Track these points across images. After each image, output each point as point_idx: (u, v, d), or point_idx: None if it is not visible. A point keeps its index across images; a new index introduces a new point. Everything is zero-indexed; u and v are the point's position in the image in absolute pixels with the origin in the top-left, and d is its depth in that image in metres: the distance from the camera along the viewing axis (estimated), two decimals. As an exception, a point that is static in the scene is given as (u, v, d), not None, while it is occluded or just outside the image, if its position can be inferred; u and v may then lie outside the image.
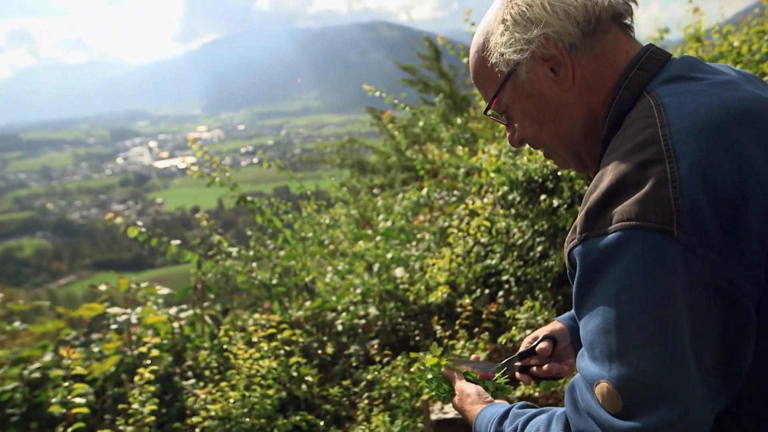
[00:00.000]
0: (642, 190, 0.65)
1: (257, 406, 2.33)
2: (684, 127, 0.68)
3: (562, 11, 0.83)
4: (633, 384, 0.63)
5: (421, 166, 5.26)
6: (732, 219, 0.63)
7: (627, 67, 0.83)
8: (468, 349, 2.62)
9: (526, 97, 0.89)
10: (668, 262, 0.62)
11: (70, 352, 2.00)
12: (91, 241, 74.21)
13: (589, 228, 0.68)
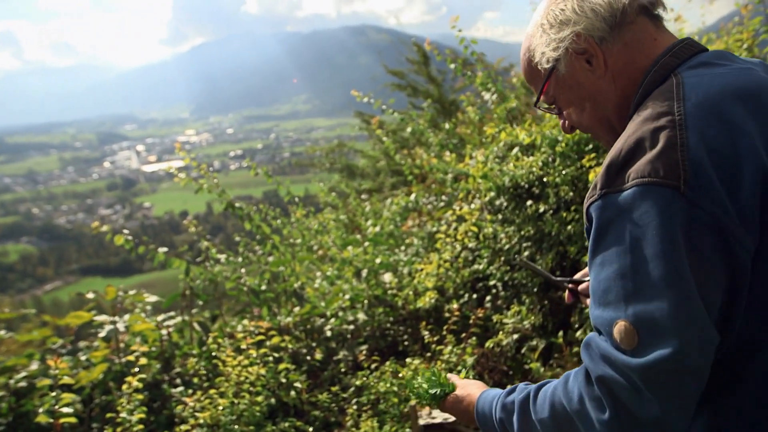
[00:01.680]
0: (656, 151, 0.75)
1: (246, 413, 2.34)
2: (696, 102, 0.78)
3: (590, 10, 0.95)
4: (648, 320, 0.70)
5: (409, 171, 5.30)
6: (730, 179, 0.72)
7: (660, 54, 0.93)
8: (455, 354, 2.64)
9: (568, 87, 1.02)
10: (675, 212, 0.71)
11: (57, 361, 1.99)
12: (78, 246, 73.40)
13: (608, 185, 0.78)
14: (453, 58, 4.82)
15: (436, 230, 3.91)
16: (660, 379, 0.69)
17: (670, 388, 0.70)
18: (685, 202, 0.71)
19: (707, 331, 0.70)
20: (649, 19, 0.98)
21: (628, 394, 0.71)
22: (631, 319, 0.72)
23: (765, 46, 3.26)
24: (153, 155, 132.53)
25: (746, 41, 3.03)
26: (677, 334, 0.69)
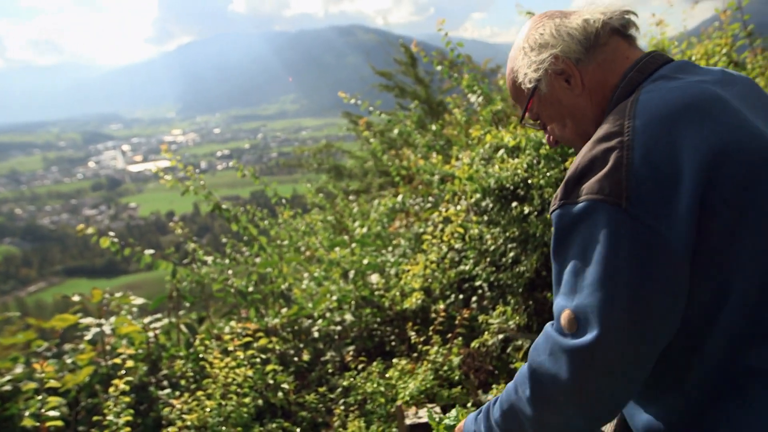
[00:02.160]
0: (603, 171, 0.85)
1: (233, 414, 2.35)
2: (644, 121, 0.87)
3: (567, 33, 1.06)
4: (583, 311, 0.83)
5: (396, 172, 5.33)
6: (669, 194, 0.81)
7: (627, 69, 1.03)
8: (441, 354, 2.67)
9: (549, 105, 1.12)
10: (618, 226, 0.82)
11: (43, 365, 1.99)
12: (62, 247, 72.44)
13: (565, 197, 0.90)
14: (440, 60, 4.85)
15: (423, 231, 3.94)
16: (587, 359, 0.82)
17: (596, 367, 0.82)
18: (627, 216, 0.82)
19: (640, 324, 0.81)
20: (622, 39, 1.08)
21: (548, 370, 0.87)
22: (573, 308, 0.85)
23: (743, 51, 3.34)
24: (139, 155, 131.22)
25: (725, 46, 3.10)
26: (602, 325, 0.81)
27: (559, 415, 0.89)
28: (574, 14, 1.10)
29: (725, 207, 0.82)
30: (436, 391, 2.60)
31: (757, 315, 0.84)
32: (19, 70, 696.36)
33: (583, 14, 1.08)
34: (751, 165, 0.84)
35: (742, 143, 0.85)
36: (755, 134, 0.87)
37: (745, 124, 0.88)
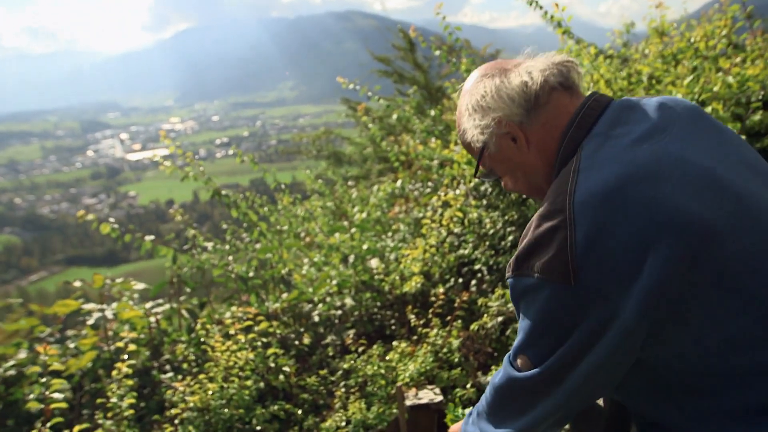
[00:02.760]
0: (550, 252, 0.92)
1: (235, 396, 2.38)
2: (582, 200, 0.92)
3: (507, 96, 1.09)
4: (532, 358, 1.00)
5: (395, 157, 5.32)
6: (612, 270, 0.88)
7: (567, 125, 1.06)
8: (441, 336, 2.69)
9: (500, 161, 1.17)
10: (563, 301, 0.92)
11: (46, 348, 2.01)
12: (63, 236, 72.51)
13: (516, 270, 0.99)
14: (438, 45, 4.83)
15: (422, 216, 3.95)
16: (527, 387, 1.02)
17: (532, 393, 1.02)
18: (571, 292, 0.90)
19: (563, 369, 0.96)
20: (563, 91, 1.11)
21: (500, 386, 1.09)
22: (528, 354, 1.01)
23: (742, 32, 3.32)
24: (137, 143, 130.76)
25: (724, 28, 3.09)
26: (541, 369, 0.98)
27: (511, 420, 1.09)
28: (513, 72, 1.12)
29: (672, 281, 0.87)
30: (435, 373, 2.63)
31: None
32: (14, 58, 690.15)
33: (523, 73, 1.10)
34: (689, 243, 0.87)
35: (675, 220, 0.88)
36: (689, 207, 0.89)
37: (680, 190, 0.91)
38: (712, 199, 0.91)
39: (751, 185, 0.97)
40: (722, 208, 0.91)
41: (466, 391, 2.47)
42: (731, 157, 1.01)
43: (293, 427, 2.49)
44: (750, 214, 0.93)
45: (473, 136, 1.15)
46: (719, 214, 0.90)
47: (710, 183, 0.93)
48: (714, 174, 0.94)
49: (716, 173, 0.94)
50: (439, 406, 2.44)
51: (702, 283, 0.88)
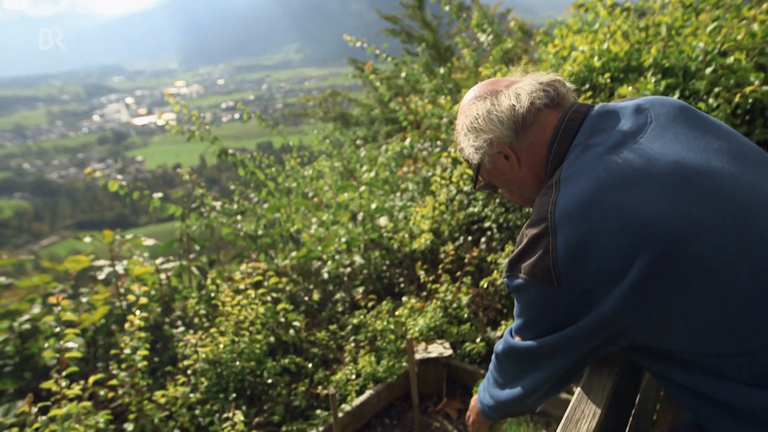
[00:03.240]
0: (535, 256, 1.03)
1: (246, 350, 2.40)
2: (561, 210, 1.00)
3: (497, 119, 1.18)
4: (526, 338, 1.15)
5: (404, 117, 5.24)
6: (594, 273, 0.97)
7: (551, 140, 1.15)
8: (451, 292, 2.69)
9: (495, 176, 1.28)
10: (550, 298, 1.03)
11: (59, 298, 2.02)
12: (72, 201, 73.03)
13: (510, 271, 1.11)
14: (448, 1, 4.67)
15: (432, 174, 3.91)
16: (523, 357, 1.17)
17: (519, 354, 1.18)
18: (553, 290, 1.01)
19: (552, 344, 1.09)
20: (550, 110, 1.19)
21: (503, 354, 1.24)
22: (522, 336, 1.16)
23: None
24: (143, 108, 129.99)
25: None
26: (535, 345, 1.12)
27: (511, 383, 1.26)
28: (504, 93, 1.20)
29: (646, 284, 0.94)
30: (445, 328, 2.64)
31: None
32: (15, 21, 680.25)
33: (512, 96, 1.18)
34: (656, 251, 0.93)
35: (643, 229, 0.94)
36: (655, 213, 0.95)
37: (647, 196, 0.96)
38: (679, 199, 0.96)
39: (733, 170, 1.02)
40: (690, 205, 0.96)
41: (475, 345, 2.48)
42: (711, 146, 1.06)
43: (303, 380, 2.53)
44: (725, 202, 0.97)
45: (470, 154, 1.25)
46: (686, 212, 0.95)
47: (678, 180, 0.98)
48: (686, 168, 0.99)
49: (689, 167, 1.00)
50: (448, 360, 2.46)
51: (675, 282, 0.93)
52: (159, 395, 2.13)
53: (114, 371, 2.12)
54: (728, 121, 2.13)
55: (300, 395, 2.37)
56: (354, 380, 2.42)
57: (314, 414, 2.27)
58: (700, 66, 2.36)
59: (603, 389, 1.11)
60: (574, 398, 1.10)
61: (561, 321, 1.06)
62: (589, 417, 1.04)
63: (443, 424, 2.28)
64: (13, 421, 2.21)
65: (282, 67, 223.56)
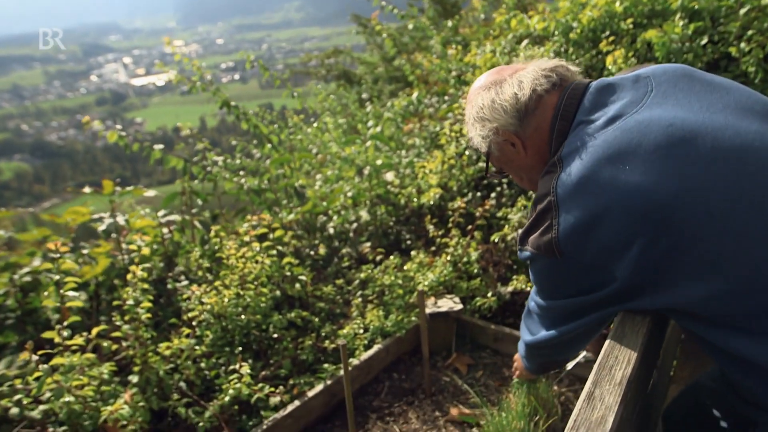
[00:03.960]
0: (540, 230, 1.09)
1: (252, 303, 2.35)
2: (562, 187, 1.04)
3: (501, 108, 1.22)
4: (539, 294, 1.27)
5: (410, 71, 5.07)
6: (598, 246, 1.01)
7: (552, 121, 1.18)
8: (461, 245, 2.62)
9: (504, 163, 1.33)
10: (556, 269, 1.11)
11: (58, 245, 1.95)
12: (72, 163, 72.75)
13: (520, 244, 1.19)
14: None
15: (440, 129, 3.79)
16: (541, 308, 1.27)
17: (545, 312, 1.27)
18: (557, 261, 1.08)
19: (573, 307, 1.17)
20: (552, 92, 1.21)
21: (532, 309, 1.34)
22: (540, 297, 1.26)
23: None
24: (141, 68, 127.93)
25: None
26: (545, 300, 1.24)
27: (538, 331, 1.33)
28: (507, 82, 1.23)
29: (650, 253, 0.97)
30: (454, 283, 2.58)
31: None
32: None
33: (515, 84, 1.21)
34: (652, 220, 0.95)
35: (648, 202, 0.95)
36: (651, 184, 0.95)
37: (643, 166, 0.96)
38: (671, 165, 0.95)
39: (740, 125, 1.00)
40: (684, 170, 0.95)
41: (486, 300, 2.43)
42: (716, 105, 1.04)
43: (310, 334, 2.48)
44: (725, 159, 0.96)
45: (478, 143, 1.29)
46: (680, 179, 0.94)
47: (671, 144, 0.97)
48: (680, 130, 0.98)
49: (684, 128, 0.98)
50: (458, 315, 2.41)
51: (679, 251, 0.95)
52: (164, 347, 2.08)
53: (117, 322, 2.07)
54: (760, 67, 2.01)
55: (307, 349, 2.33)
56: (362, 334, 2.38)
57: (322, 368, 2.23)
58: (734, 6, 2.22)
59: (636, 335, 1.05)
60: (606, 345, 1.03)
61: (573, 290, 1.12)
62: (624, 363, 0.97)
63: (453, 378, 2.24)
64: (17, 373, 2.17)
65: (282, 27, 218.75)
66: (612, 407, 0.87)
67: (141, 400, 1.92)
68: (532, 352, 1.42)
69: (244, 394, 1.95)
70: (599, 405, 0.88)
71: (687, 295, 0.99)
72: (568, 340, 1.26)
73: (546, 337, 1.29)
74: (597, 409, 0.87)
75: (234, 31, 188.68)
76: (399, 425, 2.00)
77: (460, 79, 4.34)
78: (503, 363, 2.32)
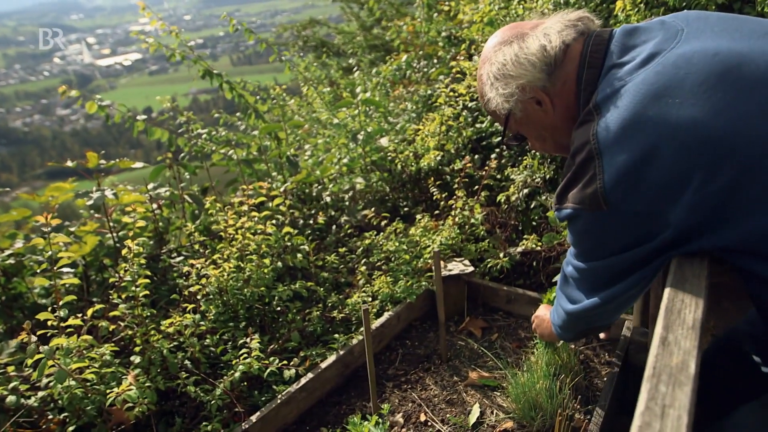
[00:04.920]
0: (582, 182, 1.01)
1: (254, 276, 2.24)
2: (604, 134, 0.97)
3: (528, 62, 1.12)
4: (580, 257, 1.19)
5: (396, 35, 4.91)
6: (638, 191, 0.95)
7: (579, 70, 1.10)
8: (469, 206, 2.54)
9: (526, 125, 1.23)
10: (600, 223, 1.03)
11: (48, 216, 1.81)
12: (39, 150, 70.54)
13: (558, 203, 1.10)
14: None
15: (432, 92, 3.67)
16: (581, 272, 1.20)
17: (585, 276, 1.20)
18: (604, 214, 1.00)
19: (623, 263, 1.09)
20: (577, 41, 1.12)
21: (570, 275, 1.26)
22: (578, 257, 1.19)
23: None
24: (106, 48, 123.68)
25: None
26: (587, 263, 1.16)
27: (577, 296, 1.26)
28: (531, 36, 1.14)
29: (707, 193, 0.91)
30: (462, 246, 2.51)
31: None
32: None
33: (540, 36, 1.12)
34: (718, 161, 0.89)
35: (702, 137, 0.89)
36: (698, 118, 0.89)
37: (688, 100, 0.91)
38: (721, 96, 0.90)
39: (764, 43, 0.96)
40: (736, 99, 0.89)
41: (499, 261, 2.36)
42: (756, 32, 0.99)
43: (316, 305, 2.40)
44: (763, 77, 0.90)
45: (498, 104, 1.19)
46: (731, 109, 0.89)
47: (721, 74, 0.91)
48: (728, 58, 0.93)
49: (730, 55, 0.93)
50: (469, 277, 2.35)
51: (736, 186, 0.89)
52: (166, 324, 1.97)
53: (115, 301, 1.95)
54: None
55: (315, 320, 2.24)
56: (370, 302, 2.30)
57: (332, 338, 2.15)
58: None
59: (698, 278, 0.98)
60: (667, 291, 0.96)
61: (620, 245, 1.04)
62: (692, 306, 0.90)
63: (468, 342, 2.18)
64: (7, 360, 2.05)
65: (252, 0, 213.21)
66: (691, 351, 0.80)
67: (146, 381, 1.81)
68: (573, 321, 1.31)
69: (255, 368, 1.86)
70: (676, 350, 0.81)
71: (749, 231, 0.93)
72: (615, 304, 1.18)
73: (591, 305, 1.20)
74: (675, 354, 0.80)
75: (202, 6, 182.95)
76: (417, 392, 1.94)
77: (450, 40, 4.21)
78: (518, 324, 2.27)
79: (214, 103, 26.81)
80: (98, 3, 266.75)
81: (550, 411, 1.65)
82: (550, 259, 2.40)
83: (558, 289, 1.36)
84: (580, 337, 1.43)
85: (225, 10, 4.25)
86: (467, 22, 3.73)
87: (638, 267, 1.08)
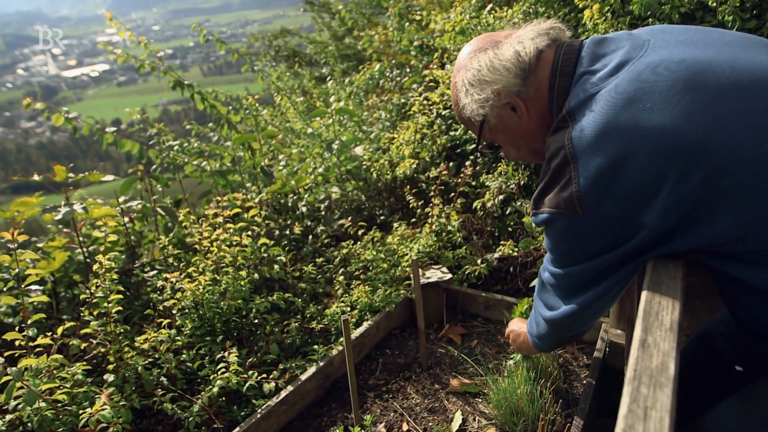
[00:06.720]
0: (558, 186, 1.03)
1: (230, 288, 2.21)
2: (579, 139, 0.99)
3: (503, 68, 1.15)
4: (556, 262, 1.20)
5: (368, 43, 4.94)
6: (612, 195, 0.97)
7: (551, 78, 1.12)
8: (445, 214, 2.55)
9: (501, 132, 1.24)
10: (576, 228, 1.05)
11: (14, 233, 1.75)
12: (3, 164, 68.45)
13: (535, 208, 1.12)
14: None
15: (405, 102, 3.69)
16: (558, 278, 1.20)
17: (562, 281, 1.20)
18: (579, 217, 1.02)
19: (597, 268, 1.11)
20: (550, 48, 1.16)
21: (547, 281, 1.26)
22: (553, 264, 1.20)
23: None
24: (72, 59, 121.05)
25: None
26: (563, 268, 1.17)
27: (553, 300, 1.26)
28: (505, 43, 1.17)
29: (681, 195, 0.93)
30: (440, 253, 2.52)
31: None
32: None
33: (515, 43, 1.15)
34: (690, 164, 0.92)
35: (673, 141, 0.91)
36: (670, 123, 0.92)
37: (660, 106, 0.93)
38: (691, 101, 0.92)
39: (747, 54, 1.00)
40: (706, 104, 0.92)
41: (477, 267, 2.38)
42: (719, 41, 1.04)
43: (294, 316, 2.37)
44: (740, 88, 0.93)
45: (473, 110, 1.20)
46: (702, 113, 0.91)
47: (688, 79, 0.94)
48: (694, 65, 0.96)
49: (696, 62, 0.96)
50: (448, 284, 2.35)
51: (709, 183, 0.91)
52: (141, 340, 1.92)
53: (87, 318, 1.89)
54: (737, 16, 2.01)
55: (293, 332, 2.21)
56: (349, 312, 2.28)
57: (311, 350, 2.13)
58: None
59: (674, 279, 1.00)
60: (644, 294, 0.98)
61: (596, 248, 1.06)
62: (669, 308, 0.92)
63: (448, 350, 2.19)
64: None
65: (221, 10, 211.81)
66: (670, 353, 0.82)
67: (120, 400, 1.76)
68: (551, 329, 1.31)
69: (233, 383, 1.82)
70: (656, 352, 0.82)
71: (718, 232, 0.95)
72: (593, 309, 1.19)
73: (569, 311, 1.20)
74: (654, 356, 0.81)
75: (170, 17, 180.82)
76: (399, 402, 1.93)
77: (422, 49, 4.25)
78: (496, 330, 2.28)
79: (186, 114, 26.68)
80: (63, 13, 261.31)
81: (532, 416, 1.66)
82: (527, 264, 2.43)
83: (536, 297, 1.36)
84: (558, 346, 1.44)
85: (194, 21, 4.21)
86: (439, 31, 3.77)
87: (614, 270, 1.09)
